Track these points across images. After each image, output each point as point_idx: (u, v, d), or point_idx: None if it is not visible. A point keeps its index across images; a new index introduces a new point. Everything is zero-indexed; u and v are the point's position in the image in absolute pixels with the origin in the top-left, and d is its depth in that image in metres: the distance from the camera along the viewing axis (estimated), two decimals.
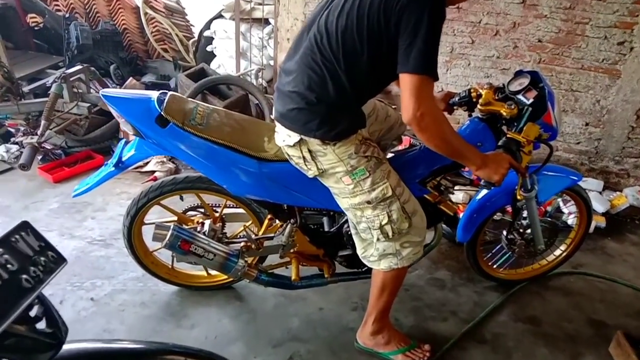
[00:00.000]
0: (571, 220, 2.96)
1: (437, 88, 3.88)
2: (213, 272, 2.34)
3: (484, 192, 2.24)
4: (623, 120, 3.51)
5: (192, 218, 2.21)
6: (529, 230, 2.30)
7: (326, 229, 2.15)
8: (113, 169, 1.98)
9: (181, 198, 2.21)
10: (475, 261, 2.47)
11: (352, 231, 1.89)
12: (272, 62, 4.36)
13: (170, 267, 2.34)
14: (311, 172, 1.75)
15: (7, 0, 4.71)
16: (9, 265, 0.98)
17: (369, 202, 1.72)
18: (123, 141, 2.09)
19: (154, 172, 3.36)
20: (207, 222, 2.10)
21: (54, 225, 2.85)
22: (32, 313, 1.05)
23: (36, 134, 3.36)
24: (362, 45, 1.56)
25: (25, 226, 1.09)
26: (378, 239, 1.79)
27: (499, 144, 1.84)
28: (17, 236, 1.05)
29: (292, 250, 2.12)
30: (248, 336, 2.19)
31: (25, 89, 3.81)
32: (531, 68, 3.56)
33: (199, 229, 2.08)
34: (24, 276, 1.00)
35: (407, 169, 1.95)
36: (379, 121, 2.07)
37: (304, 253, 2.15)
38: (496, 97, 1.96)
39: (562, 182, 2.30)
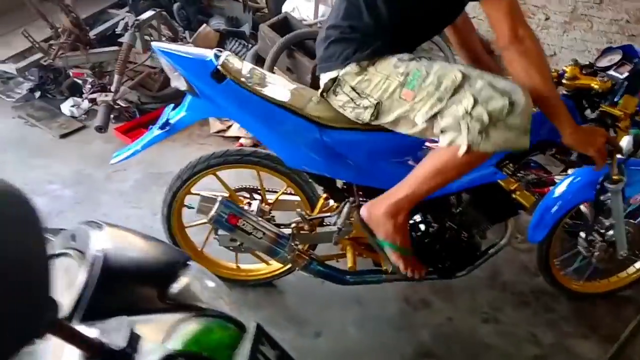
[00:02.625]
0: None
1: (549, 51, 3.47)
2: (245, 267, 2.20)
3: (563, 185, 1.92)
4: None
5: (241, 199, 2.03)
6: (610, 232, 2.00)
7: None
8: (160, 131, 1.78)
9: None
10: (547, 268, 2.18)
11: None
12: None
13: (199, 250, 2.15)
14: (369, 111, 1.53)
15: None
16: None
17: (440, 100, 1.41)
18: (171, 106, 1.86)
19: (238, 138, 3.08)
20: (255, 202, 1.95)
21: (143, 202, 2.63)
22: None
23: (109, 90, 3.06)
24: None
25: (261, 335, 0.85)
26: (477, 130, 1.38)
27: (592, 117, 1.69)
28: (259, 355, 0.82)
29: (347, 237, 1.90)
30: (377, 350, 2.01)
31: (90, 34, 3.45)
32: None
33: (246, 207, 1.92)
34: None
35: None
36: None
37: (360, 240, 1.93)
38: (583, 73, 1.74)
39: None
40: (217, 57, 1.64)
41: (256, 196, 2.06)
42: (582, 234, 2.08)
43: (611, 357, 2.06)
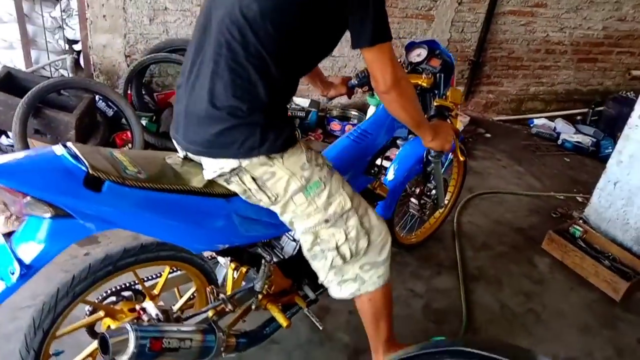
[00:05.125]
0: None
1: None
2: None
3: (394, 167, 2.28)
4: None
5: (118, 308, 1.65)
6: (433, 192, 2.51)
7: (292, 252, 1.87)
8: (15, 280, 1.22)
9: None
10: (392, 235, 2.50)
11: (308, 256, 1.62)
12: (77, 47, 3.45)
13: None
14: (264, 203, 1.49)
15: None
16: None
17: (327, 221, 1.50)
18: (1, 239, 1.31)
19: None
20: (149, 305, 1.60)
21: None
22: None
23: None
24: (296, 19, 1.32)
25: None
26: (332, 264, 1.56)
27: (432, 114, 1.93)
28: None
29: (265, 294, 1.79)
30: None
31: None
32: None
33: (145, 317, 1.58)
34: None
35: (353, 161, 1.93)
36: None
37: (277, 292, 1.84)
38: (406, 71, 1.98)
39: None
40: (72, 155, 1.22)
41: (125, 293, 1.73)
42: (414, 200, 2.49)
43: (464, 280, 2.57)
